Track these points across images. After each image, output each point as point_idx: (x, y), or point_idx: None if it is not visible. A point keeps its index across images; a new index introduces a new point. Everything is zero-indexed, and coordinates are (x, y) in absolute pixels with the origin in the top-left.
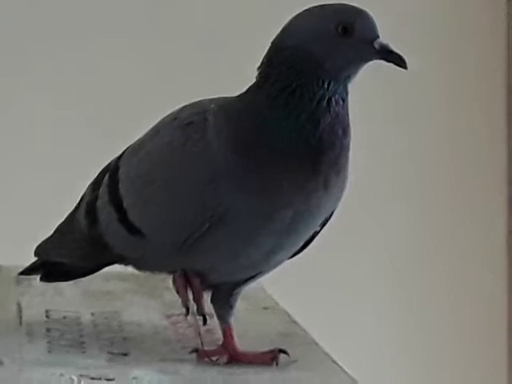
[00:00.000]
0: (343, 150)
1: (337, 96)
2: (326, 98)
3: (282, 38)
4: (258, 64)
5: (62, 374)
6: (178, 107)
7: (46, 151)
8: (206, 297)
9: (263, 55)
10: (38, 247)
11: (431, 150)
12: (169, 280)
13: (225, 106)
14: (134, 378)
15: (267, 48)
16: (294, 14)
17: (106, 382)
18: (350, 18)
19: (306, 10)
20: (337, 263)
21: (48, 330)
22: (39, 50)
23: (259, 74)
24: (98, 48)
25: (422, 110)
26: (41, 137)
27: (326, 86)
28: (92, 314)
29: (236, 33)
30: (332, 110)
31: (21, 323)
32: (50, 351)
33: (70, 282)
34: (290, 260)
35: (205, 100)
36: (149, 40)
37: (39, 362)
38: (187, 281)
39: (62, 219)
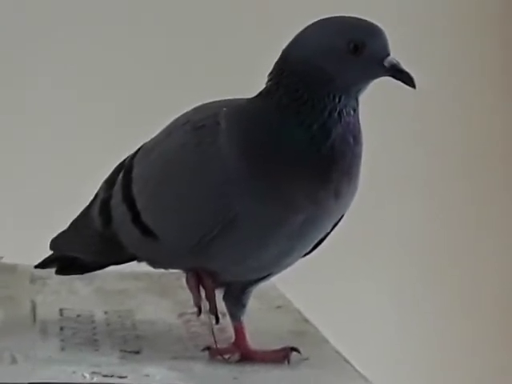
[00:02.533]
0: (354, 158)
1: (348, 108)
2: (338, 110)
3: (292, 49)
4: (267, 68)
5: (74, 372)
6: (190, 108)
7: (60, 145)
8: (219, 295)
9: (273, 59)
10: (52, 241)
11: (446, 145)
12: (182, 279)
13: (236, 110)
14: (146, 375)
15: (278, 56)
16: (306, 25)
17: (118, 379)
18: (362, 36)
19: (316, 22)
20: (349, 262)
21: (61, 328)
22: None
23: (270, 80)
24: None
25: (437, 106)
26: (57, 131)
27: (336, 99)
28: (105, 312)
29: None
30: (343, 120)
31: (35, 321)
32: (63, 349)
33: (84, 282)
34: (303, 258)
35: (216, 102)
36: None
37: (52, 360)
38: (199, 280)
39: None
